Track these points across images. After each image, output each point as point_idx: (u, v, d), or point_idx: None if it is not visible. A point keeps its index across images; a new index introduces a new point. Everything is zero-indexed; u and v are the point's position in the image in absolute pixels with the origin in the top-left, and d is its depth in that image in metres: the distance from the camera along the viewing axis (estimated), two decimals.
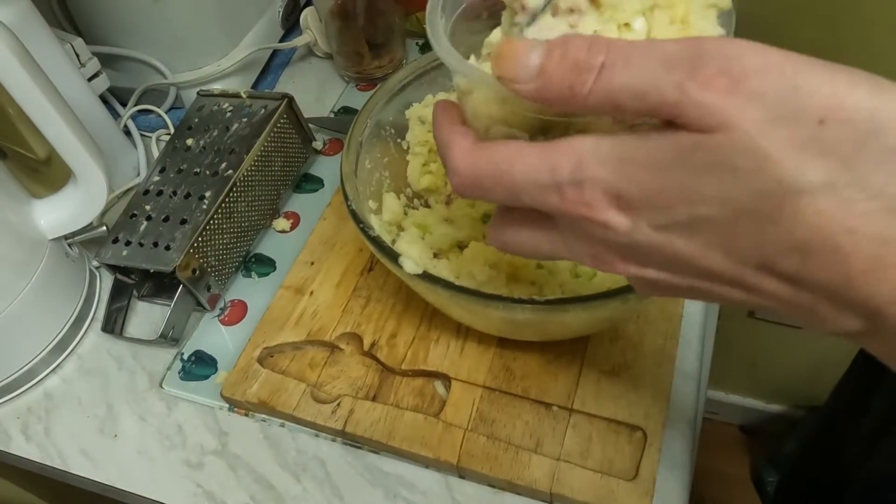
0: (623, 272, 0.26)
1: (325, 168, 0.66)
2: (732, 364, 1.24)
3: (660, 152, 0.22)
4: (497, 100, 0.27)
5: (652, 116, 0.22)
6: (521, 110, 0.26)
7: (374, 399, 0.48)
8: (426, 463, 0.46)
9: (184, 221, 0.54)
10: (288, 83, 0.76)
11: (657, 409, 0.45)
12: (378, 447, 0.47)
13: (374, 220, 0.48)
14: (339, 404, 0.48)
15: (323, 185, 0.64)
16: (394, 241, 0.48)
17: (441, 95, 0.54)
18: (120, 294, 0.57)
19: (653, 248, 0.24)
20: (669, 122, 0.22)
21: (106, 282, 0.59)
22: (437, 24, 0.30)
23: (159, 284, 0.58)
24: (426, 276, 0.40)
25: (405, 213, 0.51)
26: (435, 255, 0.47)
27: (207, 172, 0.57)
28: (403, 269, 0.40)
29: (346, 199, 0.44)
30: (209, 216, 0.54)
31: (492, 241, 0.29)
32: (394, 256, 0.41)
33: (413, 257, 0.40)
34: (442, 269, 0.45)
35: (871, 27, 0.76)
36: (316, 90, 0.74)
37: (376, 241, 0.42)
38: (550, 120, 0.26)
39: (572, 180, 0.24)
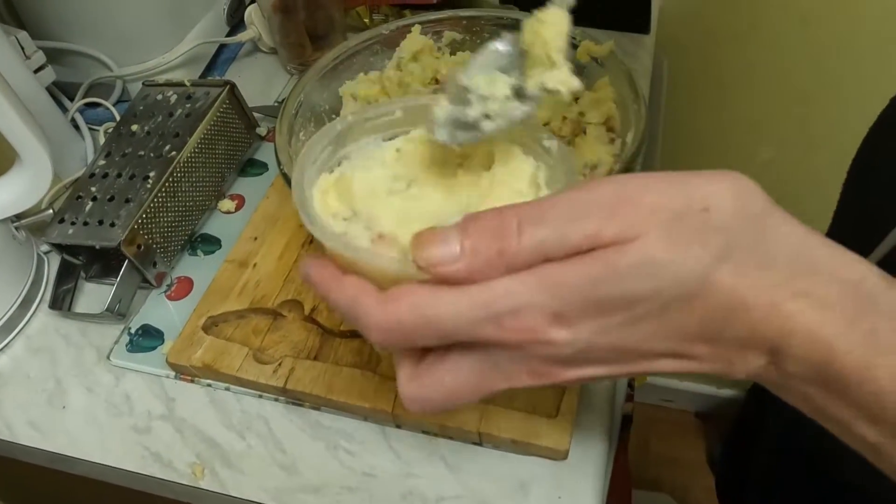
0: (563, 379, 0.27)
1: (270, 153, 0.68)
2: None
3: (590, 269, 0.25)
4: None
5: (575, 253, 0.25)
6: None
7: (314, 359, 0.50)
8: (364, 415, 0.48)
9: (128, 200, 0.56)
10: (234, 77, 0.78)
11: None
12: (318, 402, 0.49)
13: None
14: (280, 364, 0.50)
15: (267, 170, 0.67)
16: None
17: (350, 105, 0.55)
18: (67, 275, 0.59)
19: (594, 348, 0.26)
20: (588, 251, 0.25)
21: (54, 266, 0.60)
22: (308, 201, 0.31)
23: (107, 265, 0.60)
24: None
25: None
26: None
27: (152, 155, 0.59)
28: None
29: (279, 164, 0.47)
30: (153, 194, 0.56)
31: (411, 404, 0.28)
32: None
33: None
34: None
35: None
36: (262, 83, 0.77)
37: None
38: None
39: (510, 310, 0.25)
